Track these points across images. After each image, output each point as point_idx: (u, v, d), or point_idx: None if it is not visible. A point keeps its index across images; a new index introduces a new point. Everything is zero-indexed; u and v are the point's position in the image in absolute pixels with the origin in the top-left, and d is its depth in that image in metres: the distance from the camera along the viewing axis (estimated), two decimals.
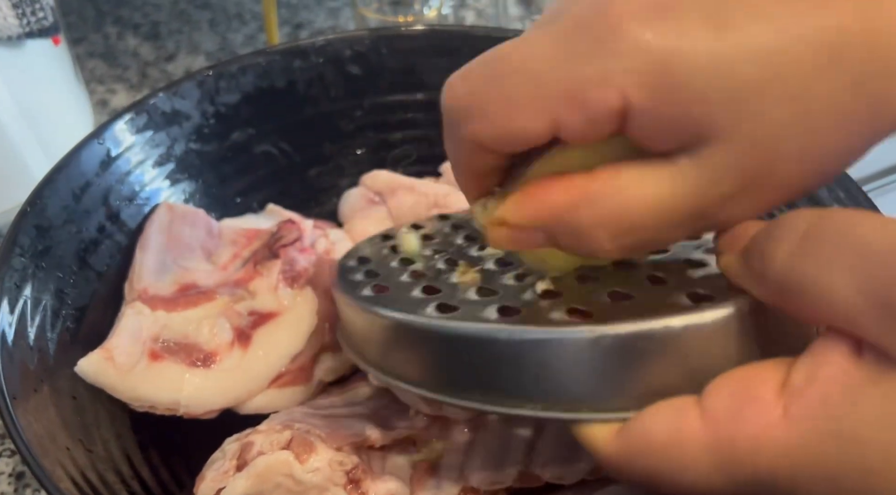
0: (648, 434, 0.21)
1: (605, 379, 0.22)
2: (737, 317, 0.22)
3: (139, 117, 0.43)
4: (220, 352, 0.38)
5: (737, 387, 0.20)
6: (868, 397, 0.18)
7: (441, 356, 0.25)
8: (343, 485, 0.35)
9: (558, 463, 0.35)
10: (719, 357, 0.21)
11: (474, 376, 0.24)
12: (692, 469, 0.20)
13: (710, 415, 0.20)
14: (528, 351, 0.23)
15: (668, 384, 0.21)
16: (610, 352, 0.21)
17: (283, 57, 0.48)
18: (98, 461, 0.32)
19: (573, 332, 0.22)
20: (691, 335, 0.21)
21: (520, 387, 0.23)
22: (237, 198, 0.48)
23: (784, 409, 0.19)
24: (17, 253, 0.35)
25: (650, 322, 0.21)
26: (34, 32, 0.50)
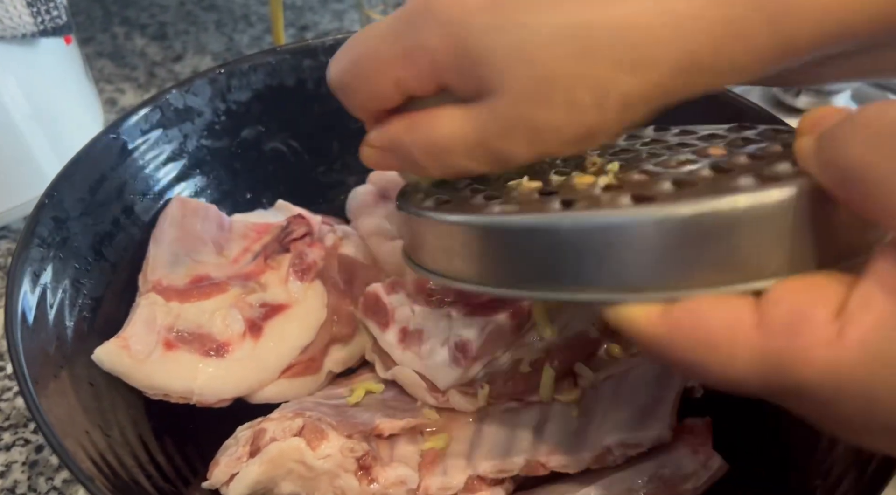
0: (703, 323, 0.22)
1: (670, 262, 0.22)
2: (801, 199, 0.22)
3: (153, 113, 0.44)
4: (233, 342, 0.39)
5: (796, 301, 0.21)
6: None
7: (505, 251, 0.25)
8: (353, 472, 0.35)
9: (563, 452, 0.36)
10: (781, 241, 0.22)
11: (540, 268, 0.24)
12: (734, 366, 0.21)
13: (766, 323, 0.21)
14: (591, 236, 0.23)
15: (729, 269, 0.22)
16: (674, 233, 0.22)
17: (293, 56, 0.49)
18: (116, 445, 0.32)
19: (637, 214, 0.22)
20: (755, 214, 0.22)
21: (583, 274, 0.23)
22: (247, 193, 0.49)
23: (839, 331, 0.20)
24: (36, 243, 0.36)
25: (714, 201, 0.22)
26: (48, 31, 0.51)
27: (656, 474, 0.35)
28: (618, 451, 0.35)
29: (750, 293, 0.22)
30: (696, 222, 0.22)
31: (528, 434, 0.37)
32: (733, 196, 0.22)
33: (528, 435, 0.37)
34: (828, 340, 0.20)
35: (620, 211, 0.23)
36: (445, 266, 0.28)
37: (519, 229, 0.25)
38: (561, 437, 0.37)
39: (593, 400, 0.38)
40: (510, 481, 0.37)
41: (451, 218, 0.27)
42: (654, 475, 0.35)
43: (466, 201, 0.29)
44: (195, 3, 0.80)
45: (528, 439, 0.37)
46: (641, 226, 0.22)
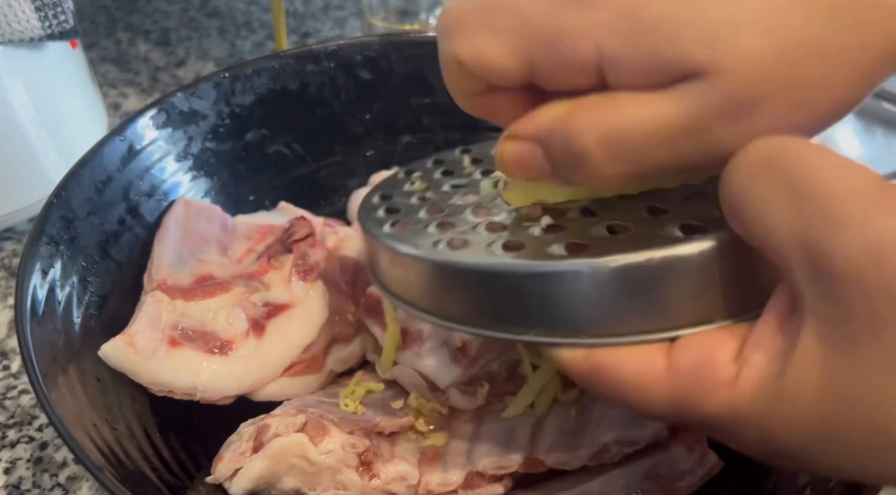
0: (619, 368, 0.24)
1: (600, 309, 0.24)
2: (717, 251, 0.23)
3: (159, 116, 0.45)
4: (236, 340, 0.40)
5: (701, 348, 0.23)
6: (793, 360, 0.20)
7: (452, 288, 0.27)
8: (355, 467, 0.36)
9: (561, 449, 0.37)
10: (699, 292, 0.23)
11: (481, 306, 0.27)
12: (649, 405, 0.23)
13: (673, 367, 0.23)
14: (529, 283, 0.25)
15: (651, 316, 0.24)
16: (603, 283, 0.24)
17: (297, 61, 0.50)
18: (122, 438, 0.33)
19: (570, 266, 0.24)
20: (673, 267, 0.23)
21: (524, 316, 0.25)
22: (250, 195, 0.50)
23: (737, 373, 0.22)
24: (45, 241, 0.37)
25: (636, 254, 0.23)
26: (55, 34, 0.51)
27: (652, 471, 0.36)
28: (615, 449, 0.36)
29: (668, 340, 0.24)
30: (622, 274, 0.23)
31: (526, 431, 0.38)
32: (652, 251, 0.23)
33: (527, 432, 0.38)
34: (727, 381, 0.22)
35: (554, 262, 0.25)
36: (398, 287, 0.30)
37: (464, 270, 0.27)
38: (559, 435, 0.37)
39: (591, 400, 0.39)
40: (509, 478, 0.37)
41: (400, 248, 0.29)
42: (650, 472, 0.36)
43: (421, 229, 0.30)
44: (198, 10, 0.81)
45: (527, 437, 0.38)
46: (572, 276, 0.24)
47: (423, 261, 0.28)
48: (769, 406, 0.21)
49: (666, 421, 0.24)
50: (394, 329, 0.41)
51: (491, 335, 0.27)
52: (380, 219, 0.33)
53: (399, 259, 0.29)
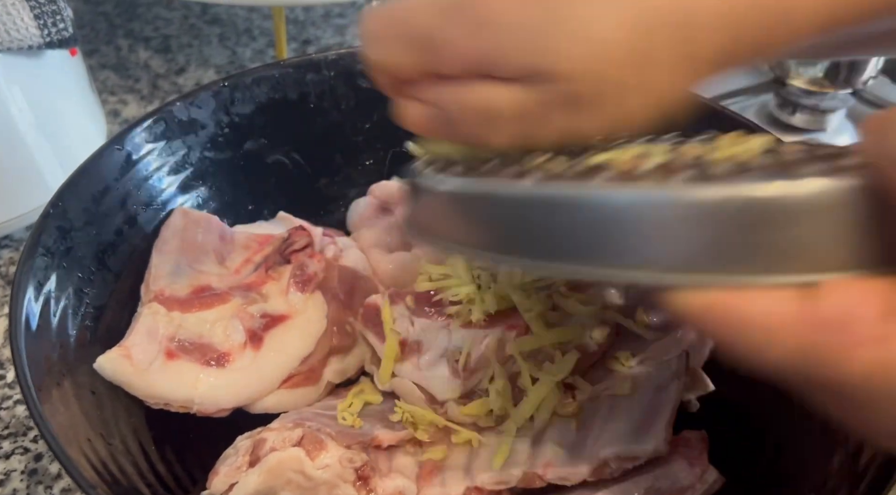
0: (748, 311, 0.21)
1: (724, 246, 0.21)
2: (865, 193, 0.21)
3: (157, 125, 0.45)
4: (233, 352, 0.39)
5: (847, 298, 0.20)
6: None
7: (546, 224, 0.24)
8: (352, 482, 0.36)
9: (561, 464, 0.36)
10: (843, 236, 0.21)
11: (584, 243, 0.23)
12: (776, 352, 0.21)
13: (812, 316, 0.20)
14: (644, 212, 0.22)
15: (787, 258, 0.21)
16: (733, 214, 0.21)
17: (296, 70, 0.49)
18: (117, 453, 0.33)
19: (698, 193, 0.21)
20: (821, 202, 0.21)
21: (632, 253, 0.22)
22: (249, 205, 0.49)
23: (885, 332, 0.20)
24: (41, 252, 0.36)
25: (773, 184, 0.21)
26: (54, 43, 0.51)
27: (653, 487, 0.35)
28: (615, 464, 0.36)
29: (803, 285, 0.21)
30: (757, 206, 0.21)
31: (526, 446, 0.38)
32: (795, 181, 0.20)
33: (526, 447, 0.38)
34: (874, 339, 0.20)
35: (678, 187, 0.21)
36: (473, 238, 0.26)
37: (564, 202, 0.23)
38: (559, 450, 0.37)
39: (591, 414, 0.38)
40: (508, 493, 0.37)
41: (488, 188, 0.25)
42: (650, 488, 0.35)
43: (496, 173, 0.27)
44: (198, 17, 0.80)
45: (526, 451, 0.37)
46: (700, 204, 0.21)
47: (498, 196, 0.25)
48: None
49: (786, 376, 0.21)
50: (392, 340, 0.41)
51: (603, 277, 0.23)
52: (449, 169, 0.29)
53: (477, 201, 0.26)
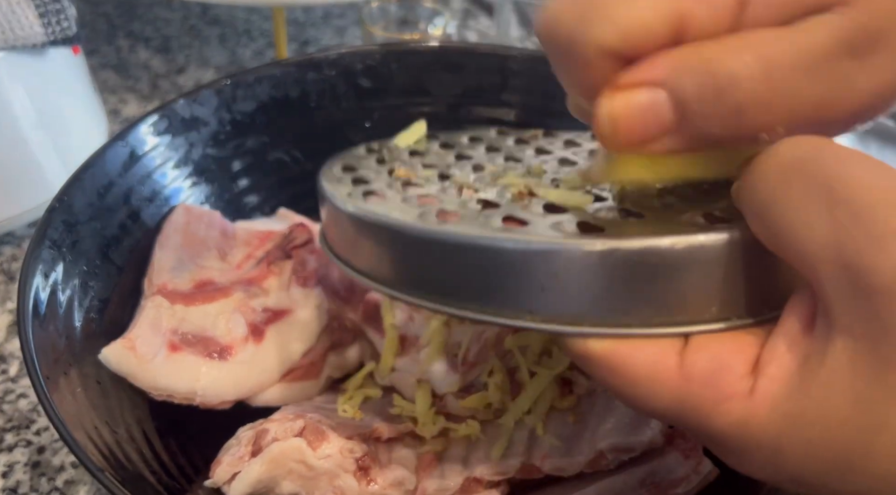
0: (631, 362, 0.22)
1: (609, 295, 0.22)
2: (737, 245, 0.21)
3: (161, 122, 0.45)
4: (235, 345, 0.40)
5: (717, 352, 0.21)
6: (815, 376, 0.19)
7: (440, 264, 0.24)
8: (353, 472, 0.36)
9: (558, 456, 0.37)
10: (716, 287, 0.22)
11: (475, 286, 0.23)
12: (654, 403, 0.22)
13: (686, 369, 0.21)
14: (536, 261, 0.22)
15: (665, 310, 0.22)
16: (617, 266, 0.22)
17: (298, 69, 0.50)
18: (122, 441, 0.33)
19: (584, 244, 0.22)
20: (691, 257, 0.21)
21: (522, 299, 0.23)
22: (250, 202, 0.50)
23: (751, 385, 0.20)
24: (47, 244, 0.37)
25: (658, 239, 0.21)
26: (58, 41, 0.52)
27: (648, 478, 0.36)
28: (611, 456, 0.36)
29: (682, 336, 0.22)
30: (640, 259, 0.22)
31: (523, 438, 0.38)
32: (674, 238, 0.21)
33: (524, 439, 0.38)
34: (741, 394, 0.20)
35: (564, 238, 0.22)
36: (367, 265, 0.27)
37: (457, 244, 0.23)
38: (556, 442, 0.38)
39: (588, 407, 0.39)
40: (506, 484, 0.37)
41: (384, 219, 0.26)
42: (646, 479, 0.36)
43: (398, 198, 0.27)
44: (199, 18, 0.81)
45: (524, 443, 0.38)
46: (587, 257, 0.22)
47: (410, 233, 0.25)
48: (787, 426, 0.19)
49: (669, 423, 0.22)
50: (392, 335, 0.42)
51: (491, 321, 0.23)
52: (344, 188, 0.29)
53: (378, 230, 0.26)
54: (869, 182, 0.18)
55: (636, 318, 0.22)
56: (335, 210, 0.29)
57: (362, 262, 0.28)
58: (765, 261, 0.21)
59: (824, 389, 0.19)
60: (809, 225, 0.19)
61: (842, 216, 0.18)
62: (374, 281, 0.27)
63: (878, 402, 0.18)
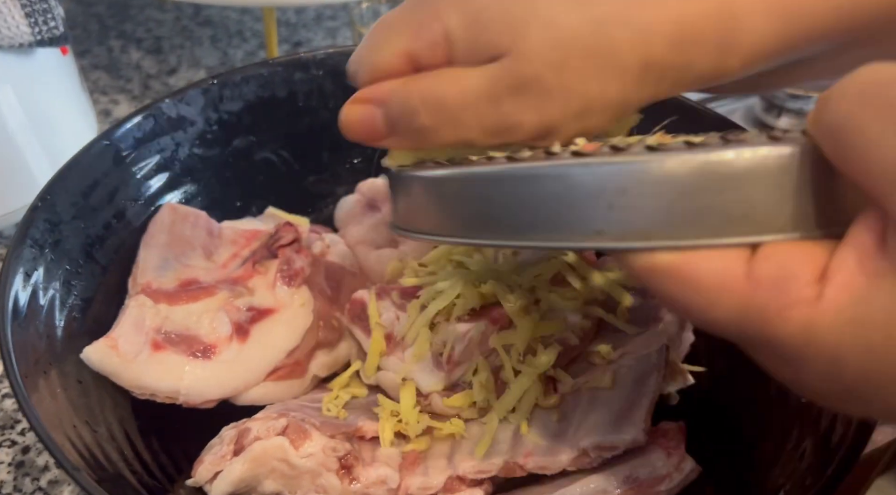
0: (698, 271, 0.23)
1: (678, 211, 0.23)
2: (804, 158, 0.22)
3: (146, 121, 0.45)
4: (219, 344, 0.40)
5: (785, 260, 0.22)
6: (883, 289, 0.20)
7: (513, 200, 0.26)
8: (335, 471, 0.36)
9: (541, 454, 0.37)
10: (783, 199, 0.22)
11: (547, 215, 0.25)
12: (720, 311, 0.22)
13: (754, 276, 0.22)
14: (606, 180, 0.23)
15: (733, 221, 0.22)
16: (685, 180, 0.23)
17: (285, 68, 0.50)
18: (102, 441, 0.33)
19: (651, 159, 0.23)
20: (759, 168, 0.22)
21: (592, 220, 0.24)
22: (237, 201, 0.50)
23: (818, 293, 0.21)
24: (29, 243, 0.37)
25: (723, 151, 0.22)
26: (45, 41, 0.52)
27: (631, 476, 0.36)
28: (594, 453, 0.36)
29: (749, 246, 0.22)
30: (706, 171, 0.22)
31: (507, 436, 0.38)
32: (741, 148, 0.22)
33: (508, 437, 0.38)
34: (807, 300, 0.21)
35: (634, 156, 0.23)
36: (449, 225, 0.28)
37: (528, 176, 0.25)
38: (539, 440, 0.38)
39: (572, 406, 0.39)
40: (489, 482, 0.37)
41: (458, 171, 0.27)
42: (629, 477, 0.36)
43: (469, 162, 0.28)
44: (190, 18, 0.81)
45: (508, 441, 0.38)
46: (655, 171, 0.23)
47: (473, 175, 0.26)
48: (850, 331, 0.20)
49: (730, 333, 0.23)
50: (378, 335, 0.42)
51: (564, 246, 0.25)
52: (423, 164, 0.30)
53: (448, 183, 0.27)
54: None
55: (703, 230, 0.23)
56: (408, 181, 0.30)
57: (438, 225, 0.29)
58: (831, 177, 0.22)
59: (889, 301, 0.20)
60: (881, 145, 0.19)
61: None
62: (452, 236, 0.28)
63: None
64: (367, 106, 0.29)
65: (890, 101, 0.20)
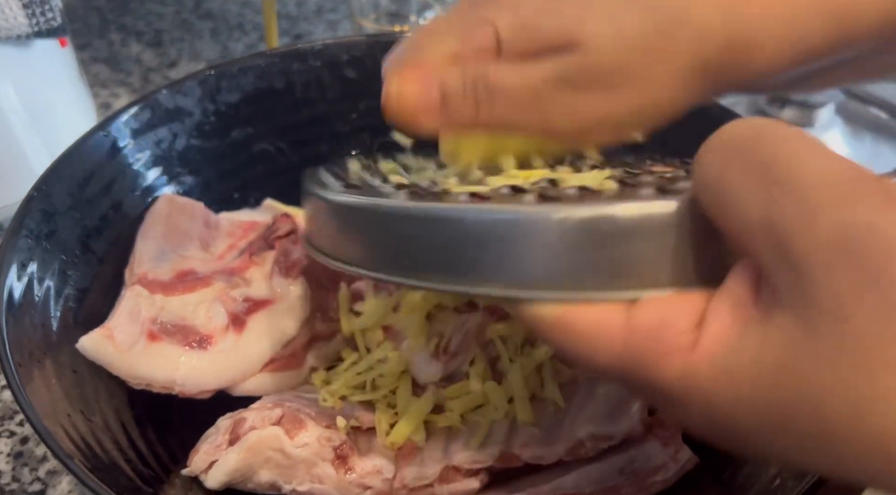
0: (579, 321, 0.23)
1: (563, 263, 0.23)
2: (685, 214, 0.23)
3: (143, 112, 0.45)
4: (216, 335, 0.40)
5: (662, 309, 0.22)
6: (751, 340, 0.20)
7: (405, 238, 0.26)
8: (330, 461, 0.36)
9: (537, 444, 0.37)
10: (666, 255, 0.23)
11: (438, 258, 0.25)
12: (601, 358, 0.23)
13: (632, 325, 0.22)
14: (495, 230, 0.24)
15: (616, 276, 0.23)
16: (570, 233, 0.23)
17: (283, 59, 0.50)
18: (97, 430, 0.33)
19: (540, 212, 0.23)
20: (640, 224, 0.23)
21: (482, 268, 0.24)
22: (235, 193, 0.50)
23: (694, 340, 0.21)
24: (24, 234, 0.37)
25: (607, 206, 0.23)
26: (42, 32, 0.52)
27: (627, 466, 0.36)
28: (590, 444, 0.36)
29: (630, 301, 0.23)
30: (591, 226, 0.23)
31: (504, 427, 0.38)
32: (627, 203, 0.23)
33: (504, 428, 0.38)
34: (684, 348, 0.21)
35: (524, 206, 0.24)
36: (344, 251, 0.29)
37: (423, 217, 0.25)
38: (536, 431, 0.37)
39: (569, 396, 0.39)
40: (485, 472, 0.37)
41: (356, 201, 0.28)
42: (625, 467, 0.36)
43: (376, 190, 0.30)
44: (191, 12, 0.81)
45: (504, 432, 0.38)
46: (542, 223, 0.23)
47: (379, 210, 0.27)
48: (722, 381, 0.21)
49: (614, 379, 0.23)
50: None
51: (455, 290, 0.25)
52: (328, 184, 0.31)
53: (351, 213, 0.28)
54: (803, 159, 0.20)
55: (587, 284, 0.23)
56: (317, 202, 0.30)
57: (340, 251, 0.29)
58: (714, 231, 0.22)
59: (757, 351, 0.20)
60: (747, 201, 0.20)
61: (775, 190, 0.20)
62: (351, 265, 0.29)
63: (802, 365, 0.19)
64: (423, 81, 0.29)
65: (750, 159, 0.20)
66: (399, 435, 0.37)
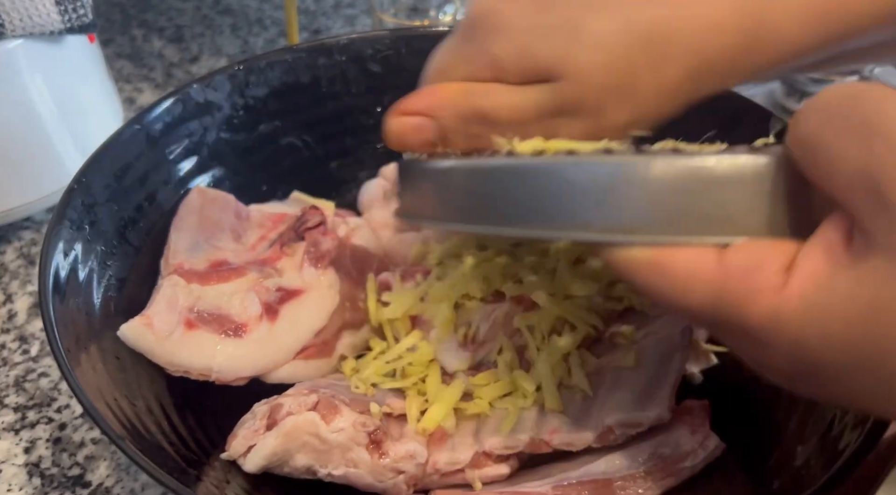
0: (672, 262, 0.24)
1: (661, 209, 0.25)
2: (778, 168, 0.24)
3: (175, 106, 0.46)
4: (250, 323, 0.41)
5: (755, 252, 0.23)
6: (844, 279, 0.21)
7: (509, 191, 0.27)
8: (365, 445, 0.37)
9: (567, 431, 0.38)
10: (758, 205, 0.24)
11: (539, 207, 0.27)
12: (692, 298, 0.24)
13: (725, 265, 0.23)
14: (596, 178, 0.25)
15: (711, 222, 0.24)
16: (672, 181, 0.24)
17: (309, 54, 0.51)
18: (141, 414, 0.34)
19: (641, 160, 0.25)
20: (736, 175, 0.24)
21: (581, 214, 0.26)
22: (263, 185, 0.51)
23: (785, 282, 0.22)
24: (67, 225, 0.38)
25: (705, 157, 0.24)
26: (74, 28, 0.53)
27: (656, 453, 0.37)
28: (619, 431, 0.37)
29: (723, 246, 0.24)
30: (688, 174, 0.24)
31: (533, 414, 0.39)
32: (722, 156, 0.24)
33: (534, 415, 0.39)
34: (775, 287, 0.22)
35: (623, 157, 0.25)
36: (447, 212, 0.30)
37: (526, 170, 0.27)
38: (565, 417, 0.38)
39: (596, 385, 0.39)
40: (515, 458, 0.38)
41: (463, 163, 0.29)
42: (653, 453, 0.36)
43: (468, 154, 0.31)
44: (211, 7, 0.82)
45: (533, 419, 0.39)
46: (641, 172, 0.25)
47: (477, 168, 0.28)
48: (813, 316, 0.21)
49: (702, 321, 0.25)
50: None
51: (555, 236, 0.27)
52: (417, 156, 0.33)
53: (459, 175, 0.29)
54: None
55: (682, 229, 0.25)
56: (417, 170, 0.32)
57: (441, 212, 0.31)
58: (805, 188, 0.24)
59: (850, 290, 0.21)
60: (846, 154, 0.21)
61: (877, 146, 0.21)
62: (453, 223, 0.31)
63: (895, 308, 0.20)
64: (418, 117, 0.32)
65: (849, 118, 0.22)
66: (430, 422, 0.38)
